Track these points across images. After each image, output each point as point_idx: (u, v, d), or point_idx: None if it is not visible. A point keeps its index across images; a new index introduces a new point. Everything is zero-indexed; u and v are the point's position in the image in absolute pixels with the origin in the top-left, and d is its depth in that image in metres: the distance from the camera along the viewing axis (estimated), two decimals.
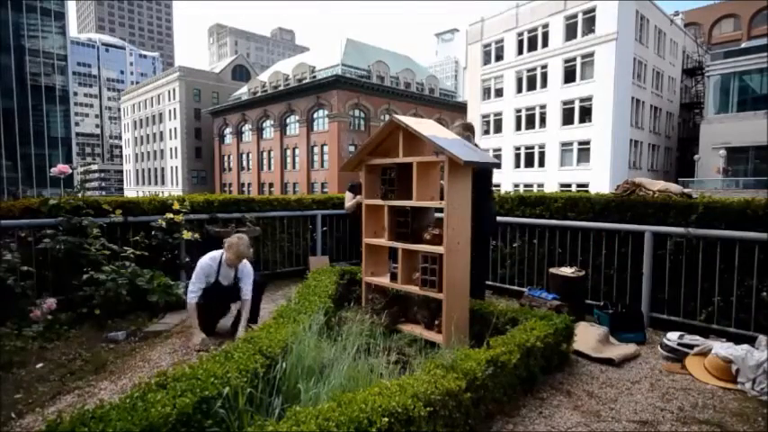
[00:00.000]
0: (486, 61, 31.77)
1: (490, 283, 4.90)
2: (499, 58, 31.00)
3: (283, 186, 39.97)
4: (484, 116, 31.68)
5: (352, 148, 34.32)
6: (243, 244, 3.27)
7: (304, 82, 38.01)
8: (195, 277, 3.20)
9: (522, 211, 4.57)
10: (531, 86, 29.14)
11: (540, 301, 3.75)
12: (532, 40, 29.01)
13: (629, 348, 3.08)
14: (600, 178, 25.03)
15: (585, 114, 26.51)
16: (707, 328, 3.29)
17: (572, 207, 4.17)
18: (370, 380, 2.10)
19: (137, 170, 64.32)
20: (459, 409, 1.91)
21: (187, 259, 4.51)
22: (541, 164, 28.70)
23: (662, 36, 29.50)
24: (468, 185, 2.89)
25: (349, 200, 4.89)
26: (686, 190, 3.82)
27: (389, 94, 37.83)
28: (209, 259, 3.27)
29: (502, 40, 30.64)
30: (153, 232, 4.20)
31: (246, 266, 3.35)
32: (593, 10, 25.73)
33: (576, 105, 26.76)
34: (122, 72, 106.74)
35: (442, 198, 2.77)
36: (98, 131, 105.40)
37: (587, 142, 26.28)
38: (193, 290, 3.18)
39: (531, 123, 29.20)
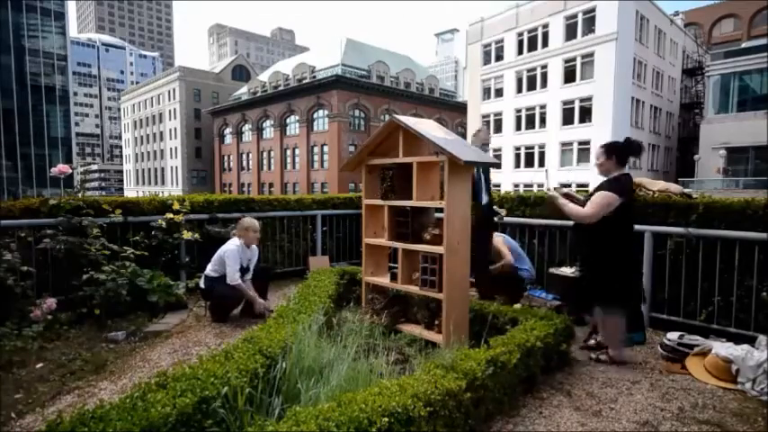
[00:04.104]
0: (486, 61, 31.76)
1: None
2: (499, 57, 31.00)
3: (283, 186, 39.98)
4: (484, 116, 31.67)
5: (352, 149, 34.31)
6: (256, 223, 3.85)
7: (304, 82, 38.04)
8: (233, 262, 3.61)
9: (522, 211, 4.57)
10: (531, 86, 29.14)
11: (540, 300, 3.76)
12: (532, 40, 29.01)
13: None
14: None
15: (585, 114, 26.51)
16: (707, 328, 3.29)
17: None
18: (369, 380, 2.10)
19: (137, 170, 64.32)
20: (459, 410, 1.91)
21: (187, 259, 4.51)
22: (541, 164, 28.70)
23: (662, 36, 29.50)
24: (468, 185, 2.89)
25: None
26: (686, 190, 3.82)
27: (389, 94, 37.82)
28: (235, 247, 3.69)
29: (502, 40, 30.64)
30: (153, 232, 4.20)
31: (255, 248, 3.93)
32: (593, 10, 25.73)
33: (576, 105, 26.77)
34: (122, 72, 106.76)
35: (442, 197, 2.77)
36: (98, 131, 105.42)
37: (587, 142, 26.26)
38: (236, 270, 3.63)
39: (531, 123, 29.21)
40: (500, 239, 4.00)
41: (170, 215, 4.27)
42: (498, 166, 4.05)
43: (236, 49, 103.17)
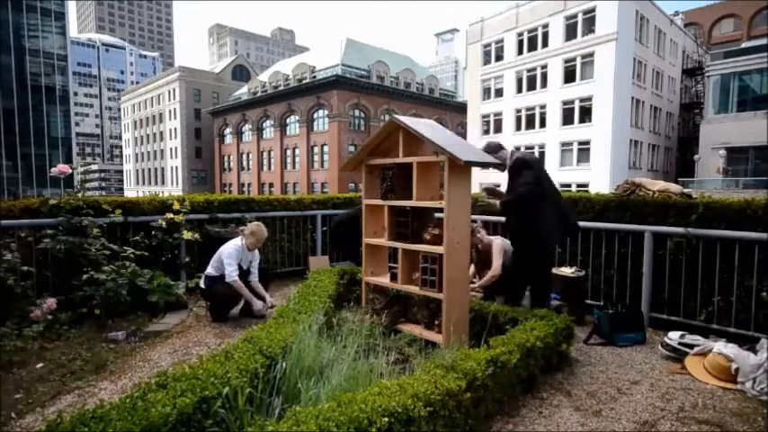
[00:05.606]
0: (486, 61, 31.75)
1: None
2: (499, 58, 30.98)
3: (283, 186, 39.97)
4: (484, 116, 31.67)
5: (352, 149, 34.31)
6: (264, 230, 3.86)
7: (304, 82, 38.03)
8: (230, 260, 3.62)
9: None
10: (531, 86, 29.12)
11: None
12: (532, 41, 29.00)
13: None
14: (600, 178, 25.02)
15: (585, 114, 26.50)
16: (707, 328, 3.29)
17: (572, 207, 4.17)
18: (369, 380, 2.10)
19: (137, 170, 64.31)
20: (459, 409, 1.91)
21: (187, 259, 4.51)
22: None
23: (662, 36, 29.49)
24: (469, 185, 2.90)
25: None
26: (686, 190, 3.82)
27: (389, 94, 37.82)
28: (234, 246, 3.70)
29: (502, 41, 30.63)
30: (153, 232, 4.20)
31: (256, 252, 3.93)
32: (593, 10, 25.72)
33: (576, 105, 26.75)
34: (122, 72, 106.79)
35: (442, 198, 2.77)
36: (98, 131, 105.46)
37: (587, 142, 26.27)
38: (234, 268, 3.63)
39: (531, 123, 29.20)
40: (499, 244, 3.91)
41: (170, 215, 4.27)
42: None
43: (236, 49, 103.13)
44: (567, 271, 3.84)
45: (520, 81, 29.72)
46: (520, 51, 29.60)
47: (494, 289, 3.88)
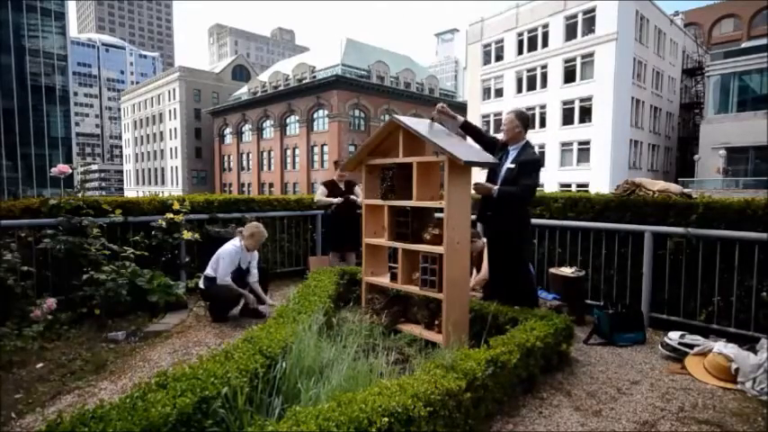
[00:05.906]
0: (486, 61, 31.76)
1: None
2: (499, 58, 31.00)
3: (283, 186, 39.98)
4: (484, 116, 31.68)
5: (352, 148, 34.32)
6: (263, 231, 3.87)
7: (304, 82, 38.04)
8: (227, 262, 3.66)
9: None
10: (531, 87, 29.14)
11: (540, 300, 3.75)
12: (532, 41, 29.02)
13: None
14: (600, 178, 25.03)
15: (585, 114, 26.51)
16: (707, 328, 3.29)
17: (572, 207, 4.17)
18: (369, 380, 2.10)
19: (137, 170, 64.32)
20: (459, 409, 1.91)
21: (187, 259, 4.51)
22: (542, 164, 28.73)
23: (662, 36, 29.51)
24: (469, 185, 2.90)
25: (322, 194, 4.97)
26: (686, 190, 3.82)
27: (389, 94, 37.83)
28: (233, 247, 3.73)
29: (502, 41, 30.64)
30: (153, 232, 4.20)
31: (255, 252, 3.95)
32: (593, 10, 25.74)
33: (576, 105, 26.77)
34: (122, 72, 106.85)
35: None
36: (98, 131, 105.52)
37: (587, 142, 26.28)
38: (227, 271, 3.67)
39: (531, 123, 29.21)
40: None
41: (170, 215, 4.27)
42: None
43: (236, 49, 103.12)
44: (567, 271, 3.84)
45: (520, 81, 29.73)
46: (520, 51, 29.61)
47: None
